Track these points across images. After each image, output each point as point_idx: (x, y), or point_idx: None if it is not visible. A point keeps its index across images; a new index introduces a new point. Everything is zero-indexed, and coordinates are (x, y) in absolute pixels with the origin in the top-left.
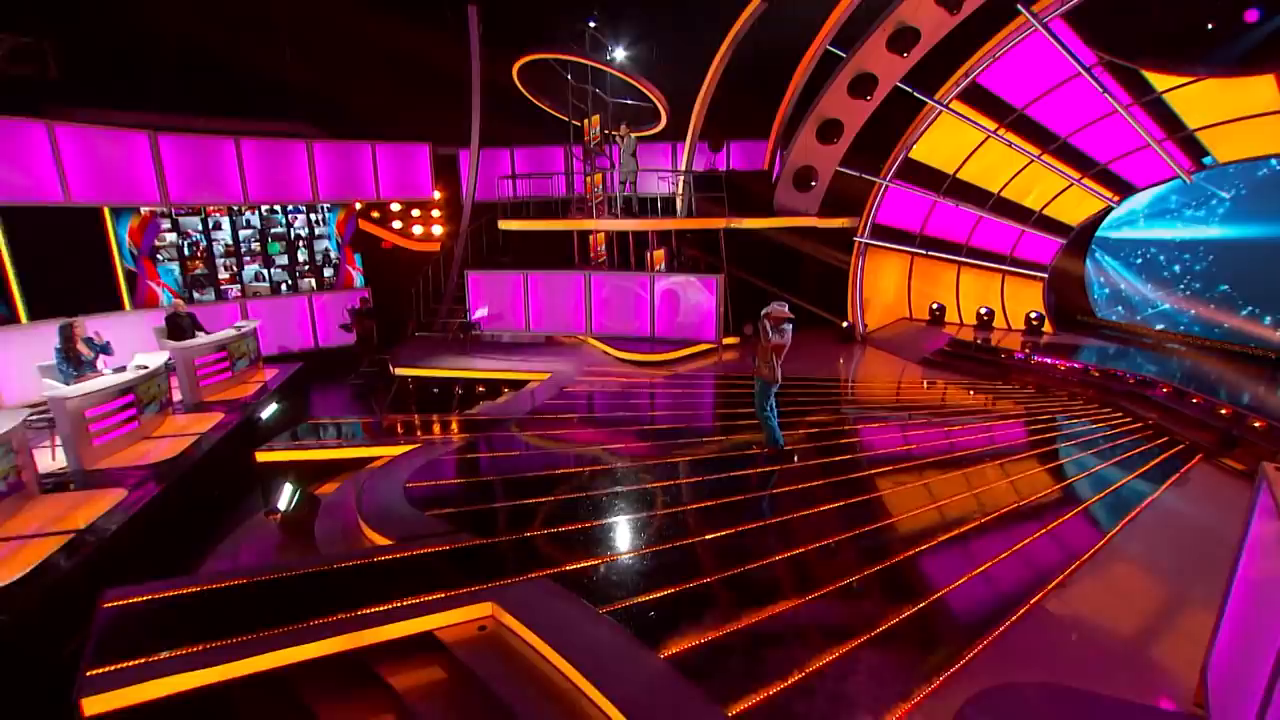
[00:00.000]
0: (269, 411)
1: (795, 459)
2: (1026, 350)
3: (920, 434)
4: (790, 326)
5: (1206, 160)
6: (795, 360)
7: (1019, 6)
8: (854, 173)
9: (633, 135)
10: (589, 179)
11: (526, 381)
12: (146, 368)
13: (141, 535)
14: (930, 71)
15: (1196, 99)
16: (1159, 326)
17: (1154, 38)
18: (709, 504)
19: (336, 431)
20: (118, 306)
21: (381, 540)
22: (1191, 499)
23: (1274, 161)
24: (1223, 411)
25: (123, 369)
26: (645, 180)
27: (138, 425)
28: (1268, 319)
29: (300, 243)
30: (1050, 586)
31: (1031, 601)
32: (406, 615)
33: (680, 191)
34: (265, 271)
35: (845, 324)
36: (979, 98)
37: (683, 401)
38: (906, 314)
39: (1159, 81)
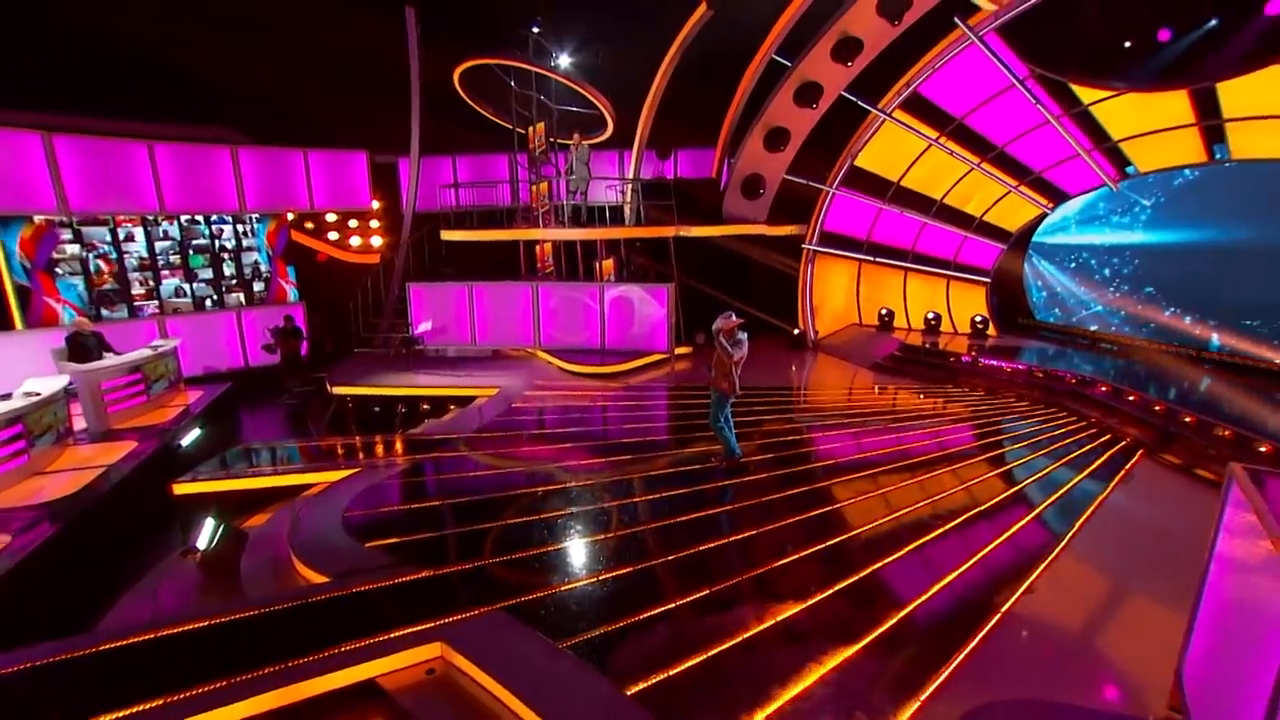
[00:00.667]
0: (191, 438)
1: (751, 469)
2: (973, 354)
3: (877, 440)
4: (745, 336)
5: (1129, 170)
6: (748, 369)
7: (956, 20)
8: (801, 180)
9: (586, 144)
10: (534, 188)
11: (474, 397)
12: (37, 394)
13: (30, 586)
14: (873, 81)
15: (1119, 112)
16: (1093, 327)
17: (1078, 53)
18: (668, 522)
19: (268, 457)
20: (6, 325)
21: (317, 578)
22: (1139, 497)
23: (1188, 171)
24: (1156, 408)
25: (7, 397)
26: (593, 188)
27: (26, 460)
28: (1188, 318)
29: (226, 255)
30: (1017, 595)
31: (1000, 610)
32: (345, 663)
33: (628, 200)
34: (187, 286)
35: (797, 331)
36: (920, 107)
37: (637, 414)
38: (856, 320)
39: (1085, 94)
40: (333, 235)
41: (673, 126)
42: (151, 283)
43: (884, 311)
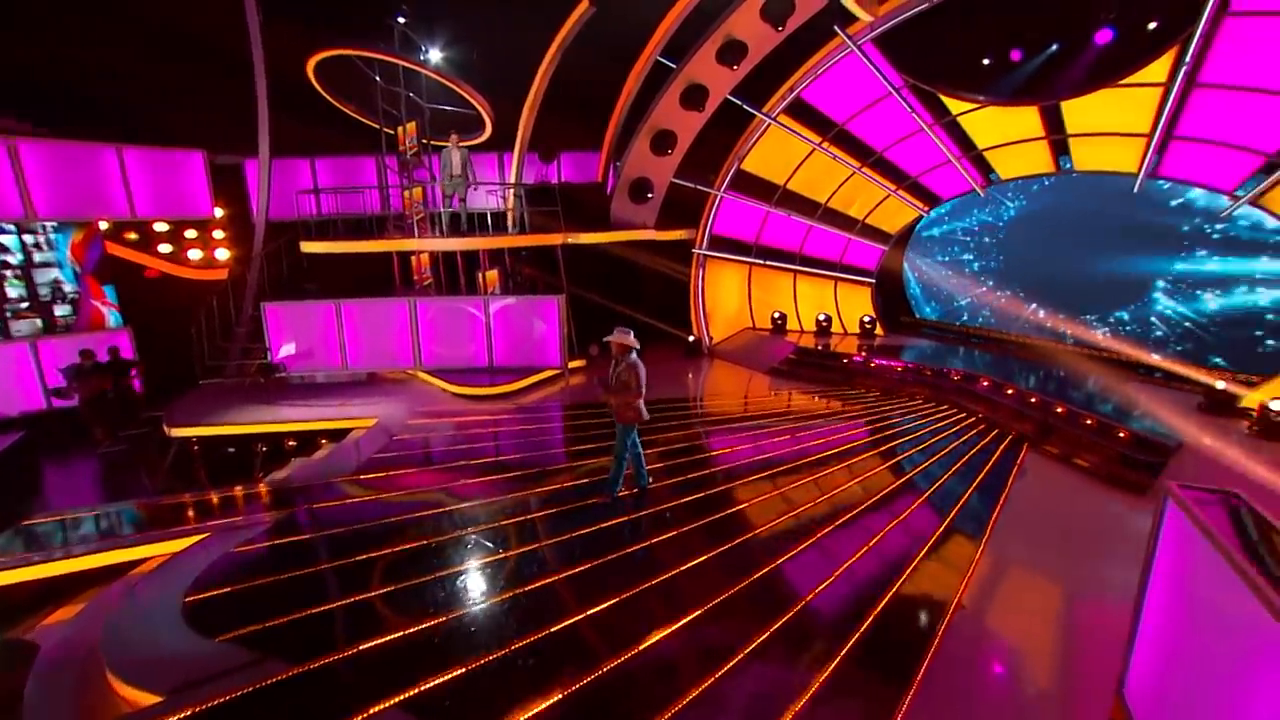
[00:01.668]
0: None
1: (660, 497)
2: (865, 354)
3: (786, 452)
4: (636, 355)
5: (993, 176)
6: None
7: (836, 28)
8: (689, 184)
9: (464, 146)
10: (407, 193)
11: (348, 430)
12: None
13: None
14: (758, 85)
15: (983, 123)
16: (963, 318)
17: (944, 66)
18: (582, 568)
19: (75, 528)
20: None
21: (143, 698)
22: (1034, 492)
23: (1046, 179)
24: (1032, 400)
25: None
26: (473, 194)
27: None
28: (1043, 312)
29: (10, 273)
30: (950, 615)
31: (938, 634)
32: None
33: (511, 206)
34: None
35: (691, 338)
36: (803, 112)
37: (534, 439)
38: (750, 324)
39: (953, 105)
40: (165, 248)
41: (556, 128)
42: None
43: (777, 315)
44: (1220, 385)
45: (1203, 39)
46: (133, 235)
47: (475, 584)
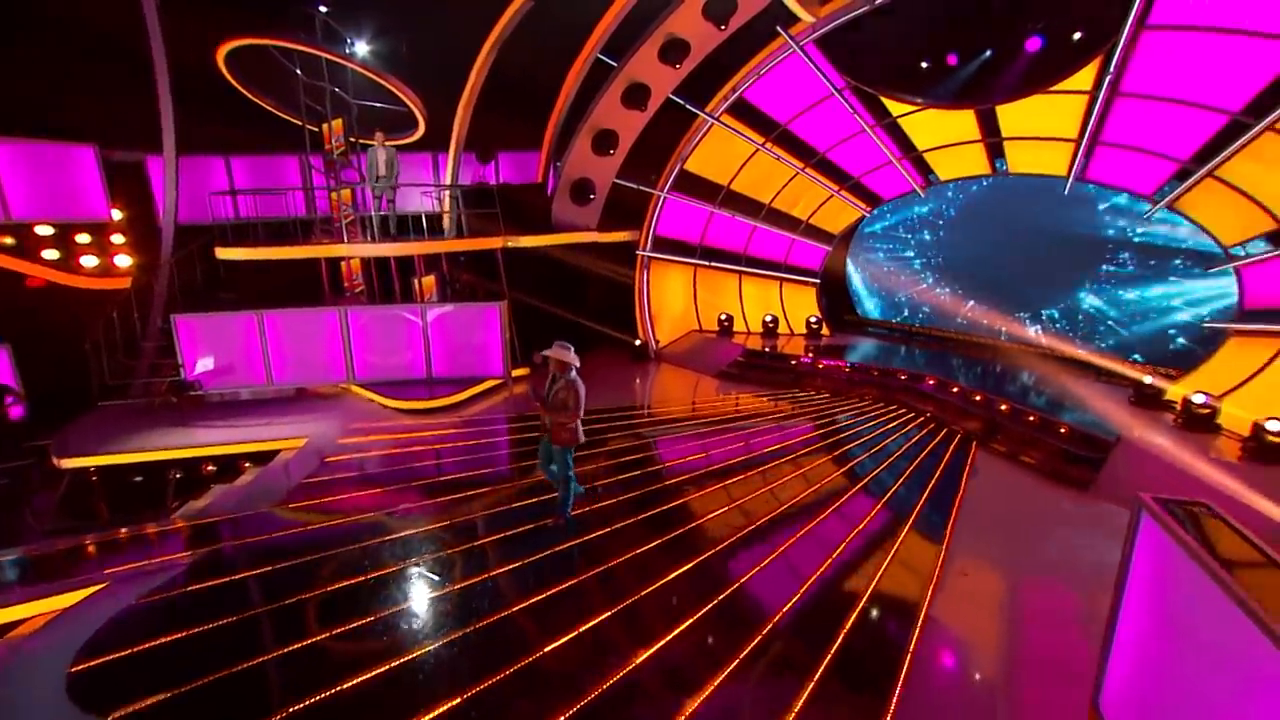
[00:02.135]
0: None
1: (614, 516)
2: (812, 355)
3: (744, 458)
4: (575, 374)
5: (932, 177)
6: (591, 386)
7: (778, 28)
8: (631, 185)
9: (390, 145)
10: (334, 195)
11: (275, 452)
12: None
13: None
14: (701, 85)
15: (922, 126)
16: (904, 316)
17: (885, 69)
18: (536, 598)
19: None
20: None
21: None
22: (986, 491)
23: (985, 180)
24: (976, 398)
25: None
26: (406, 196)
27: None
28: (979, 310)
29: None
30: (919, 627)
31: (910, 649)
32: None
33: (447, 208)
34: None
35: (638, 342)
36: (746, 112)
37: (478, 455)
38: (696, 326)
39: (894, 107)
40: (51, 254)
41: (494, 127)
42: None
43: (723, 316)
44: (1148, 380)
45: (1124, 50)
46: (8, 240)
47: (422, 623)
